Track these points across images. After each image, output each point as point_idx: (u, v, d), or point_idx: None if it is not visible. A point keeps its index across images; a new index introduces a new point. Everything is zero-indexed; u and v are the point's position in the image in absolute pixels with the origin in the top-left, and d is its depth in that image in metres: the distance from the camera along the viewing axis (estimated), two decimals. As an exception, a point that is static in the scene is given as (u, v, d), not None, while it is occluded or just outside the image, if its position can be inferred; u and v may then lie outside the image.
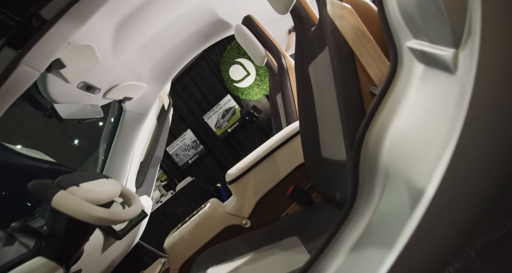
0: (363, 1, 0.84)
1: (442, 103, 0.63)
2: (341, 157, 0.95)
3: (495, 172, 0.63)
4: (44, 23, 0.83)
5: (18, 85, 0.83)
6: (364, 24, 0.81)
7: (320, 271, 0.69)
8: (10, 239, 1.13)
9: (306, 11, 1.13)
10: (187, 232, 1.42)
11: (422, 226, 0.59)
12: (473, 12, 0.55)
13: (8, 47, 0.80)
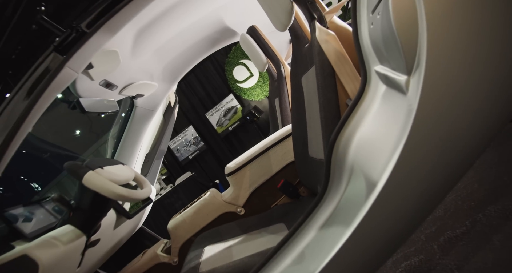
0: (346, 29, 1.02)
1: (396, 116, 0.82)
2: (322, 157, 1.13)
3: (434, 171, 0.82)
4: (84, 35, 1.01)
5: (62, 84, 1.02)
6: (344, 48, 0.99)
7: (295, 244, 0.88)
8: (40, 211, 1.31)
9: (302, 29, 1.32)
10: (189, 216, 1.62)
11: (373, 209, 0.78)
12: (421, 51, 0.74)
13: (55, 53, 0.98)
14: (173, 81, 2.19)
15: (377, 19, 0.84)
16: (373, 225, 0.78)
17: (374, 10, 0.85)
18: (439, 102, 0.78)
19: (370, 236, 0.78)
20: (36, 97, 0.95)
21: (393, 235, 0.80)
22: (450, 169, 0.82)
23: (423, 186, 0.80)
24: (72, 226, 1.16)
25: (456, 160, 0.83)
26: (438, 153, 0.80)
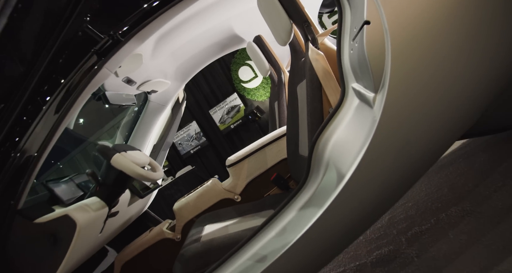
0: (333, 50, 1.24)
1: (363, 124, 1.05)
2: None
3: (389, 169, 1.05)
4: (119, 42, 1.24)
5: (99, 81, 1.25)
6: (330, 67, 1.22)
7: (279, 220, 1.10)
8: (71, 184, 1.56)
9: (300, 45, 1.54)
10: (192, 199, 1.85)
11: (340, 195, 1.01)
12: (386, 76, 0.97)
13: (95, 56, 1.21)
14: (184, 80, 2.42)
15: (355, 47, 1.07)
16: (339, 207, 1.01)
17: (354, 39, 1.08)
18: (396, 116, 1.01)
19: (337, 215, 1.01)
20: (79, 92, 1.18)
21: (355, 215, 1.03)
22: (403, 169, 1.05)
23: (380, 179, 1.03)
24: (98, 198, 1.40)
25: (408, 163, 1.06)
26: (393, 155, 1.03)
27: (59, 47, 1.19)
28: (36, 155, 1.14)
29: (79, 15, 1.20)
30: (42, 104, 1.16)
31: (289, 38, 1.41)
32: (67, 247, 1.16)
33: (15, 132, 1.12)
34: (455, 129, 1.11)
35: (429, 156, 1.10)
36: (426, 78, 0.99)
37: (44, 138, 1.14)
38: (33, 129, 1.12)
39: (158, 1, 1.29)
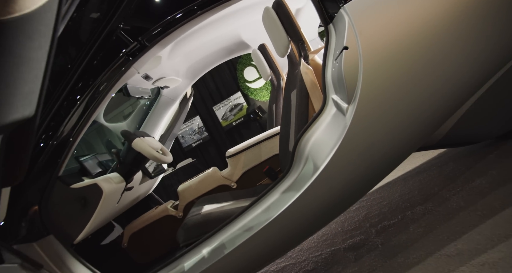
0: (320, 66, 1.51)
1: (337, 129, 1.32)
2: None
3: (355, 165, 1.32)
4: (145, 47, 1.51)
5: (127, 78, 1.52)
6: (317, 79, 1.48)
7: (265, 200, 1.37)
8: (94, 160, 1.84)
9: (296, 58, 1.81)
10: (194, 183, 2.13)
11: (314, 182, 1.27)
12: (357, 91, 1.23)
13: (126, 57, 1.48)
14: (193, 79, 2.69)
15: (336, 66, 1.34)
16: (313, 191, 1.28)
17: (336, 59, 1.35)
18: (363, 124, 1.28)
19: (310, 198, 1.28)
20: (111, 87, 1.45)
21: (325, 199, 1.30)
22: (366, 168, 1.32)
23: (346, 173, 1.30)
24: (118, 174, 1.68)
25: (370, 163, 1.32)
26: (358, 155, 1.30)
27: (97, 48, 1.46)
28: (74, 135, 1.41)
29: (115, 22, 1.47)
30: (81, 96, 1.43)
31: (286, 52, 1.67)
32: (93, 209, 1.43)
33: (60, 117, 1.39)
34: (412, 141, 1.39)
35: (389, 160, 1.38)
36: (389, 96, 1.26)
37: (82, 122, 1.42)
38: (76, 115, 1.40)
39: (180, 14, 1.56)
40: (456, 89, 1.34)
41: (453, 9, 1.23)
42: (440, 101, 1.30)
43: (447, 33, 1.26)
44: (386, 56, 1.24)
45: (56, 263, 1.31)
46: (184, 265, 1.32)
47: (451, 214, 1.70)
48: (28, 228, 1.32)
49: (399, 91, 1.25)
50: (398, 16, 1.25)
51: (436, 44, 1.23)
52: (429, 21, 1.25)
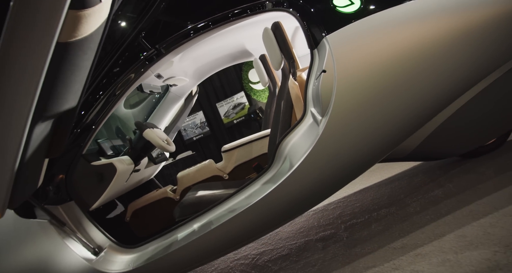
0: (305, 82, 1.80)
1: (311, 136, 1.61)
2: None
3: (323, 166, 1.61)
4: (161, 53, 1.81)
5: (144, 78, 1.82)
6: (300, 93, 1.77)
7: (248, 189, 1.66)
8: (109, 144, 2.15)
9: (289, 71, 2.10)
10: (192, 171, 2.43)
11: (289, 177, 1.57)
12: (330, 107, 1.52)
13: (145, 60, 1.78)
14: (199, 79, 2.98)
15: (315, 84, 1.63)
16: (287, 185, 1.57)
17: (316, 78, 1.65)
18: (332, 135, 1.56)
19: (284, 190, 1.57)
20: (130, 85, 1.76)
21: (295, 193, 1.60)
22: (332, 172, 1.61)
23: (315, 173, 1.59)
24: (129, 157, 1.98)
25: (337, 168, 1.61)
26: (326, 160, 1.58)
27: (122, 52, 1.75)
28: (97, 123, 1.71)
29: (138, 32, 1.77)
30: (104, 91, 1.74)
31: (280, 66, 1.97)
32: (107, 184, 1.73)
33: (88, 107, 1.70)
34: (374, 154, 1.68)
35: (353, 168, 1.67)
36: (356, 114, 1.55)
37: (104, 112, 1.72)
38: (99, 107, 1.71)
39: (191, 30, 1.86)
40: (412, 115, 1.64)
41: (412, 48, 1.52)
42: (400, 123, 1.60)
43: (408, 68, 1.55)
44: (356, 81, 1.54)
45: (75, 223, 1.62)
46: (178, 235, 1.62)
47: (407, 217, 1.99)
48: (56, 193, 1.62)
49: (365, 111, 1.55)
50: (369, 50, 1.55)
51: (398, 76, 1.52)
52: (394, 56, 1.54)
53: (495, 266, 1.25)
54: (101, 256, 1.58)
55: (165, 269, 1.57)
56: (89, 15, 1.01)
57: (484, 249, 1.38)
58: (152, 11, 1.74)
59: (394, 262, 1.57)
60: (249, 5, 1.90)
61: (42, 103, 1.06)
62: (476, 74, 1.69)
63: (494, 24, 1.61)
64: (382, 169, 3.21)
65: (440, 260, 1.42)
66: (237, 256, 2.43)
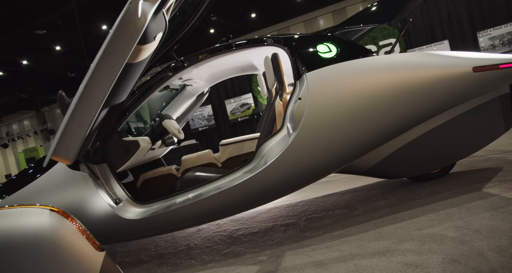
0: (289, 103, 2.40)
1: (283, 144, 2.21)
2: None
3: (289, 167, 2.20)
4: (185, 66, 2.42)
5: (169, 82, 2.43)
6: (283, 110, 2.37)
7: (231, 175, 2.25)
8: (134, 125, 2.78)
9: (277, 92, 2.69)
10: (194, 157, 3.03)
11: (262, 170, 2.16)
12: (300, 125, 2.12)
13: (172, 69, 2.39)
14: (211, 83, 3.58)
15: (293, 106, 2.23)
16: (260, 176, 2.17)
17: (295, 102, 2.24)
18: (298, 146, 2.15)
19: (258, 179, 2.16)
20: (159, 85, 2.37)
21: (266, 182, 2.19)
22: (294, 173, 2.20)
23: (281, 172, 2.18)
24: (148, 138, 2.60)
25: (298, 171, 2.19)
26: (291, 163, 2.17)
27: (157, 60, 2.36)
28: (131, 110, 2.33)
29: (171, 48, 2.38)
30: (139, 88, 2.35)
31: (273, 87, 2.55)
32: (131, 155, 2.33)
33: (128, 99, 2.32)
34: (330, 165, 2.27)
35: (312, 172, 2.26)
36: (318, 133, 2.14)
37: (136, 103, 2.33)
38: (135, 99, 2.33)
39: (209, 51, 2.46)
40: (360, 142, 2.22)
41: (366, 91, 2.11)
42: (351, 145, 2.18)
43: (361, 105, 2.14)
44: (321, 109, 2.12)
45: (105, 179, 2.23)
46: (176, 200, 2.22)
47: (351, 217, 2.58)
48: (95, 156, 2.23)
49: (325, 132, 2.13)
50: (335, 88, 2.13)
51: (352, 110, 2.11)
52: (352, 95, 2.13)
53: (388, 250, 1.84)
54: (120, 206, 2.18)
55: (164, 221, 2.17)
56: (145, 48, 1.62)
57: (387, 240, 1.97)
58: (183, 35, 2.36)
59: (327, 244, 2.16)
60: (258, 39, 2.51)
61: (109, 96, 1.67)
62: (415, 118, 2.27)
63: (431, 83, 2.19)
64: (353, 181, 3.80)
65: (357, 245, 2.02)
66: (219, 229, 3.04)
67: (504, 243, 1.64)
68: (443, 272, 1.51)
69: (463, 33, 6.20)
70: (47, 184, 2.17)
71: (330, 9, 17.21)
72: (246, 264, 2.13)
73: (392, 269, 1.63)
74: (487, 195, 2.35)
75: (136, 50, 1.61)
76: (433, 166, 2.92)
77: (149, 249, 2.89)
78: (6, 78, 15.31)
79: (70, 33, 12.00)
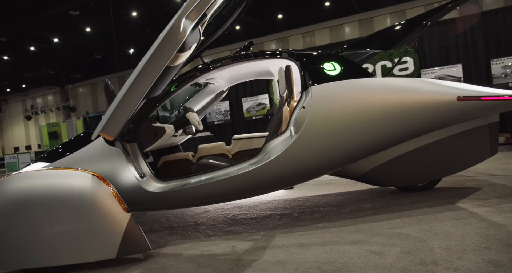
0: (296, 109, 2.80)
1: (285, 143, 2.62)
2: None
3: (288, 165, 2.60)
4: (210, 68, 2.85)
5: (197, 80, 2.87)
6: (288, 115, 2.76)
7: (238, 165, 2.66)
8: (160, 114, 3.25)
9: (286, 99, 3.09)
10: (208, 146, 3.47)
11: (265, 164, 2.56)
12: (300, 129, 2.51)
13: (199, 70, 2.83)
14: (231, 83, 3.99)
15: (298, 112, 2.62)
16: (263, 168, 2.57)
17: (299, 110, 2.63)
18: (298, 146, 2.55)
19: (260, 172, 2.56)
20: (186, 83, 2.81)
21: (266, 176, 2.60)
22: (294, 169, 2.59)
23: (281, 167, 2.57)
24: (172, 126, 3.04)
25: (297, 168, 2.59)
26: (291, 160, 2.56)
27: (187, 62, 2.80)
28: (160, 101, 2.77)
29: (200, 52, 2.81)
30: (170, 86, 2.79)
31: (284, 93, 2.95)
32: (157, 139, 2.76)
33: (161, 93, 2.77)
34: (324, 167, 2.65)
35: (307, 171, 2.64)
36: (316, 138, 2.52)
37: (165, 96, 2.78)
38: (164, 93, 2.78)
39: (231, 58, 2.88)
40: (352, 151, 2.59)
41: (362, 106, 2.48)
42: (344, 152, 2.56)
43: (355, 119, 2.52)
44: (321, 118, 2.51)
45: (134, 156, 2.67)
46: (190, 181, 2.64)
47: (338, 214, 2.97)
48: (128, 136, 2.68)
49: (322, 138, 2.52)
50: (335, 102, 2.51)
51: (348, 122, 2.49)
52: (349, 109, 2.51)
53: (361, 241, 2.23)
54: (144, 179, 2.62)
55: (178, 197, 2.60)
56: (182, 55, 2.06)
57: (362, 234, 2.36)
58: (211, 43, 2.79)
59: (312, 232, 2.56)
60: (275, 52, 2.92)
61: (150, 90, 2.12)
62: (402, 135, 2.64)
63: (419, 106, 2.55)
64: (349, 186, 4.17)
65: (337, 235, 2.41)
66: (223, 213, 3.47)
67: (452, 244, 2.01)
68: (397, 259, 1.89)
69: (477, 59, 6.42)
70: (88, 154, 2.63)
71: (357, 18, 17.40)
72: (242, 240, 2.54)
73: (359, 254, 2.02)
74: (457, 208, 2.70)
75: (174, 57, 2.05)
76: (419, 179, 3.26)
77: (161, 221, 3.35)
78: (36, 53, 16.14)
79: (101, 17, 12.66)
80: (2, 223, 2.12)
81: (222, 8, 2.91)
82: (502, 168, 4.15)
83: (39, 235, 2.10)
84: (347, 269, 1.84)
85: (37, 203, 2.13)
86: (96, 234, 2.13)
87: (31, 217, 2.11)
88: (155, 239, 2.78)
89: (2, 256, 2.10)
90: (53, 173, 2.30)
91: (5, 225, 2.12)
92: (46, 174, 2.30)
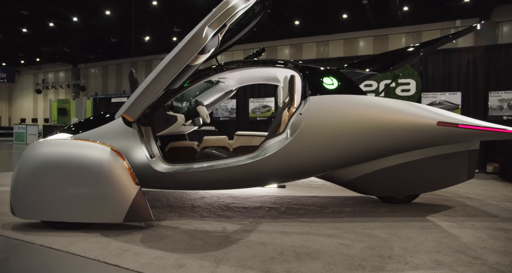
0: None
1: (281, 144, 2.96)
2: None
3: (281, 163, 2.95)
4: (223, 70, 3.21)
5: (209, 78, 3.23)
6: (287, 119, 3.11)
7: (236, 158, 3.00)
8: (173, 104, 3.60)
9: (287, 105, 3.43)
10: (212, 138, 3.81)
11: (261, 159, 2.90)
12: (296, 132, 2.87)
13: (213, 70, 3.19)
14: (239, 84, 4.33)
15: (295, 117, 2.97)
16: (259, 163, 2.91)
17: (297, 116, 2.97)
18: (292, 147, 2.89)
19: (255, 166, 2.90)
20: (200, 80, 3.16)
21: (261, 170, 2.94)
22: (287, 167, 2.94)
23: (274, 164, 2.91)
24: (183, 116, 3.39)
25: (290, 167, 2.94)
26: (284, 159, 2.91)
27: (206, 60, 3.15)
28: (176, 93, 3.12)
29: (217, 54, 3.16)
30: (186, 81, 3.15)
31: (285, 100, 3.30)
32: (169, 126, 3.09)
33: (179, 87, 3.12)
34: (313, 169, 3.00)
35: (298, 171, 2.99)
36: (309, 142, 2.87)
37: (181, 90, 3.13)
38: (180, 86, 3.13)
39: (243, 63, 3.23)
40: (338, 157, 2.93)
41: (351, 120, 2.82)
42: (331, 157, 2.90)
43: (344, 130, 2.86)
44: (315, 125, 2.85)
45: (147, 138, 3.01)
46: (193, 166, 2.98)
47: (320, 213, 3.30)
48: (145, 119, 3.03)
49: (314, 143, 2.85)
50: (328, 112, 2.86)
51: (338, 132, 2.82)
52: (340, 120, 2.85)
53: (334, 235, 2.57)
54: (153, 159, 2.97)
55: (181, 179, 2.94)
56: (201, 57, 2.44)
57: (337, 230, 2.70)
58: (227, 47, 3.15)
59: (295, 224, 2.89)
60: (282, 62, 3.27)
61: (170, 83, 2.47)
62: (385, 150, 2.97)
63: (403, 126, 2.88)
64: (337, 191, 4.50)
65: (315, 229, 2.75)
66: (218, 200, 3.81)
67: (410, 245, 2.35)
68: (361, 251, 2.22)
69: (476, 90, 6.74)
70: (108, 131, 2.99)
71: (372, 33, 17.75)
72: (232, 223, 2.88)
73: (330, 244, 2.36)
74: (425, 220, 3.03)
75: (195, 57, 2.42)
76: (399, 192, 3.59)
77: (162, 201, 3.70)
78: (54, 29, 16.55)
79: (123, 2, 13.05)
80: (30, 181, 2.48)
81: (242, 18, 3.26)
82: (480, 193, 4.46)
83: (60, 194, 2.45)
84: (317, 254, 2.17)
85: (61, 166, 2.48)
86: (109, 200, 2.48)
87: (55, 178, 2.47)
88: (156, 213, 3.13)
89: (28, 208, 2.47)
90: (77, 143, 2.65)
91: (32, 184, 2.48)
92: (71, 143, 2.65)
